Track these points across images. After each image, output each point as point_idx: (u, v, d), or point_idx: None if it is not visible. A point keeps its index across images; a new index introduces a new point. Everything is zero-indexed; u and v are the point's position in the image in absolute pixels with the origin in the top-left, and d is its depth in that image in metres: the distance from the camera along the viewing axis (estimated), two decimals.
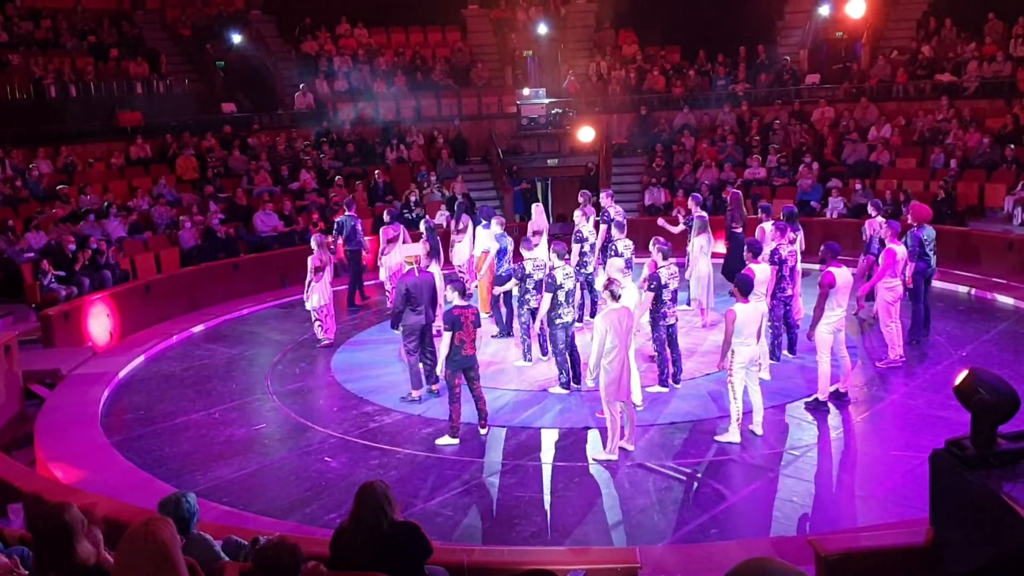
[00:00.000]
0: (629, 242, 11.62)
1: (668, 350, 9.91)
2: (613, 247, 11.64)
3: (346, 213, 14.47)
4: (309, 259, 11.99)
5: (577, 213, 12.47)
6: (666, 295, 9.61)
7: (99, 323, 12.76)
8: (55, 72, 19.61)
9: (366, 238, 15.09)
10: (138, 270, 15.25)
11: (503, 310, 12.16)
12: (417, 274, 9.92)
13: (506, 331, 12.16)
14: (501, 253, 12.01)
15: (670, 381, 9.99)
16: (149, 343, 12.79)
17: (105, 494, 7.31)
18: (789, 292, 10.69)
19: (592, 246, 12.12)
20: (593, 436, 8.83)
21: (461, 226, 13.13)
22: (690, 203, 13.35)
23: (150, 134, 19.39)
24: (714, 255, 12.59)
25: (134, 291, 14.01)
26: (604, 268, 10.90)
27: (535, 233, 12.28)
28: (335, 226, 14.47)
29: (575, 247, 11.87)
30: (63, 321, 12.34)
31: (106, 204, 16.43)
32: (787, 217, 11.57)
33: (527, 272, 10.70)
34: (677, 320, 10.00)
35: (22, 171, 17.08)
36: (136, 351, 12.42)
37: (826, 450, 8.62)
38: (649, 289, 9.48)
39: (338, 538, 4.65)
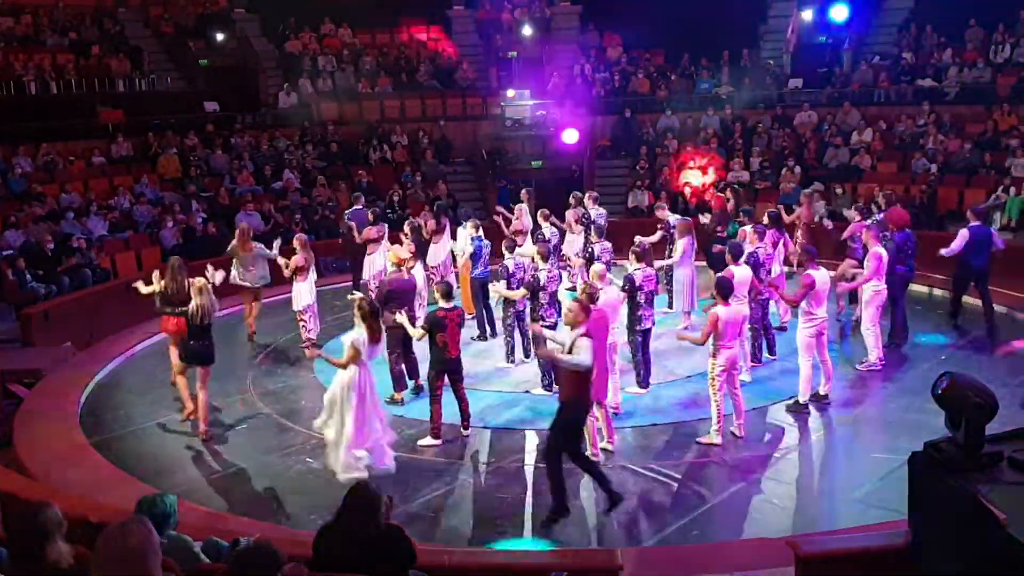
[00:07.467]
0: (608, 244, 11.64)
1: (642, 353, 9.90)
2: (592, 248, 11.65)
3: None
4: (293, 259, 11.91)
5: (539, 213, 12.60)
6: (640, 298, 9.59)
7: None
8: (36, 69, 19.41)
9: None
10: (119, 269, 15.11)
11: (485, 312, 12.15)
12: (406, 276, 9.91)
13: (487, 333, 12.13)
14: (476, 256, 12.00)
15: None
16: (129, 342, 12.68)
17: (83, 494, 7.26)
18: (767, 295, 10.74)
19: (556, 246, 12.23)
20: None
21: (439, 227, 13.10)
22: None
23: (132, 132, 19.19)
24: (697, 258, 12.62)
25: (114, 290, 13.89)
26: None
27: (519, 233, 12.27)
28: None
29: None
30: (42, 320, 12.23)
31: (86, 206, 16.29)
32: (771, 220, 11.63)
33: (509, 272, 10.69)
34: (654, 324, 9.97)
35: (3, 169, 16.89)
36: (116, 350, 12.32)
37: (806, 452, 8.68)
38: (623, 290, 9.47)
39: (320, 538, 4.63)
